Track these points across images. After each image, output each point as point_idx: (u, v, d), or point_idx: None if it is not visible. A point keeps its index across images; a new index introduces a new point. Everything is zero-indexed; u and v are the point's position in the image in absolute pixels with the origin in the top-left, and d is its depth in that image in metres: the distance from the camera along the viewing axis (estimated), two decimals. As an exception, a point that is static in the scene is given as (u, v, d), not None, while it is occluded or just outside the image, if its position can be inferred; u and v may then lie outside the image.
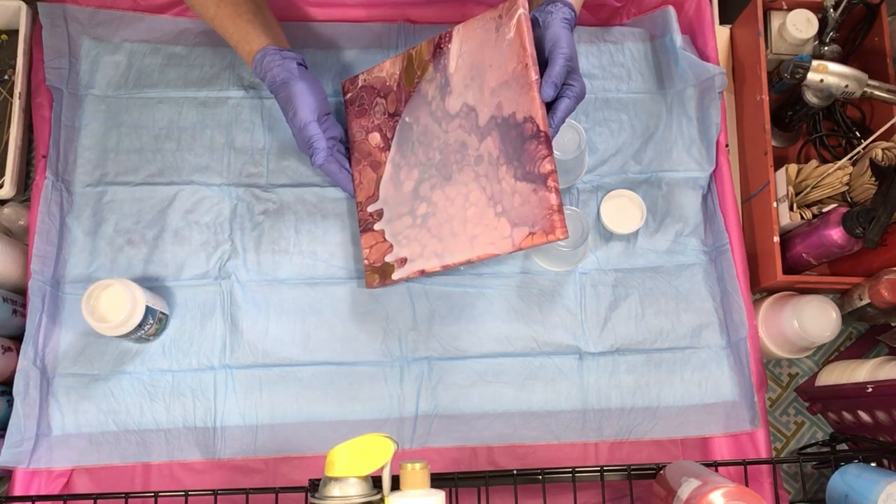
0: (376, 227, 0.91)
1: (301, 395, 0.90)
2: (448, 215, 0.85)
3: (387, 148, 0.91)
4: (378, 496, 0.71)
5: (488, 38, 0.82)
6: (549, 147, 0.78)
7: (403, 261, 0.88)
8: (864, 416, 0.87)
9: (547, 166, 0.78)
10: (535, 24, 0.81)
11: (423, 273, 0.87)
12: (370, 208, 0.92)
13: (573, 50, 0.79)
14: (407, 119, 0.89)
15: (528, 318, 0.93)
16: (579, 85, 0.80)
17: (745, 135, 1.01)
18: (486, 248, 0.82)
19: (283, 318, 0.92)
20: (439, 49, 0.87)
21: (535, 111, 0.78)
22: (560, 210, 0.77)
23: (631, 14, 1.04)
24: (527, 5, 0.80)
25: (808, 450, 0.96)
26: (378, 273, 0.90)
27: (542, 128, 0.78)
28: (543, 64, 0.80)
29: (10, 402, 0.86)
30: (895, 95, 0.92)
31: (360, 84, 0.95)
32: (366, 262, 0.91)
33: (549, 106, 0.80)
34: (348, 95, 0.96)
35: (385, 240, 0.90)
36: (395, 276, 0.89)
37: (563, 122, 0.80)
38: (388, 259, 0.89)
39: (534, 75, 0.78)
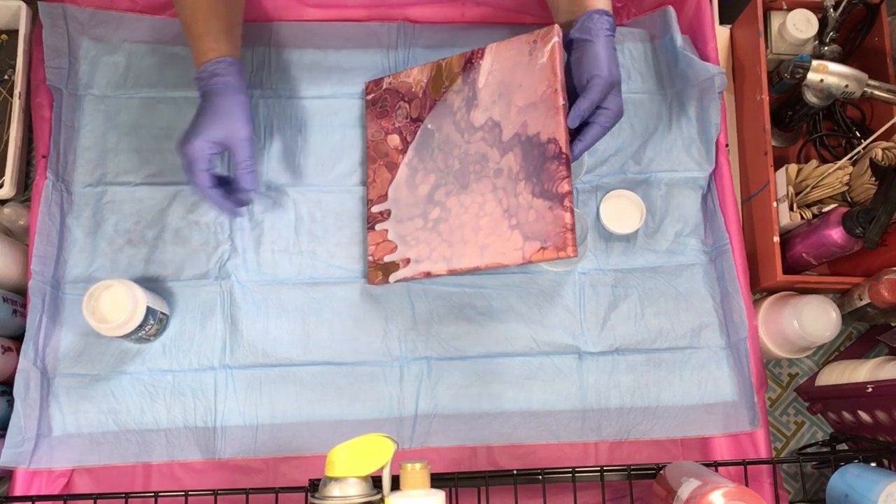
0: (379, 226, 0.91)
1: (301, 395, 0.90)
2: (460, 222, 0.87)
3: (404, 151, 0.92)
4: (378, 496, 0.71)
5: (521, 60, 0.86)
6: (569, 169, 0.82)
7: (408, 261, 0.89)
8: (864, 416, 0.87)
9: (565, 187, 0.81)
10: (574, 43, 0.83)
11: (427, 275, 0.88)
12: (377, 207, 0.92)
13: (613, 70, 0.81)
14: (429, 126, 0.91)
15: (528, 318, 0.93)
16: (614, 108, 0.82)
17: (745, 135, 1.01)
18: (496, 258, 0.84)
19: (282, 318, 0.92)
20: (470, 63, 0.90)
21: (559, 134, 0.82)
22: (573, 229, 0.81)
23: (631, 14, 1.04)
24: (561, 34, 0.84)
25: (808, 450, 0.96)
26: (381, 270, 0.90)
27: (564, 150, 0.82)
28: (581, 82, 0.82)
29: (11, 403, 0.86)
30: (895, 95, 0.92)
31: (384, 86, 0.96)
32: (370, 258, 0.91)
33: (579, 128, 0.83)
34: (370, 96, 0.97)
35: (388, 239, 0.90)
36: (397, 275, 0.89)
37: (588, 147, 0.83)
38: (391, 258, 0.90)
39: (561, 101, 0.83)
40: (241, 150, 0.83)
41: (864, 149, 0.91)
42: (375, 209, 0.92)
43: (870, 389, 0.82)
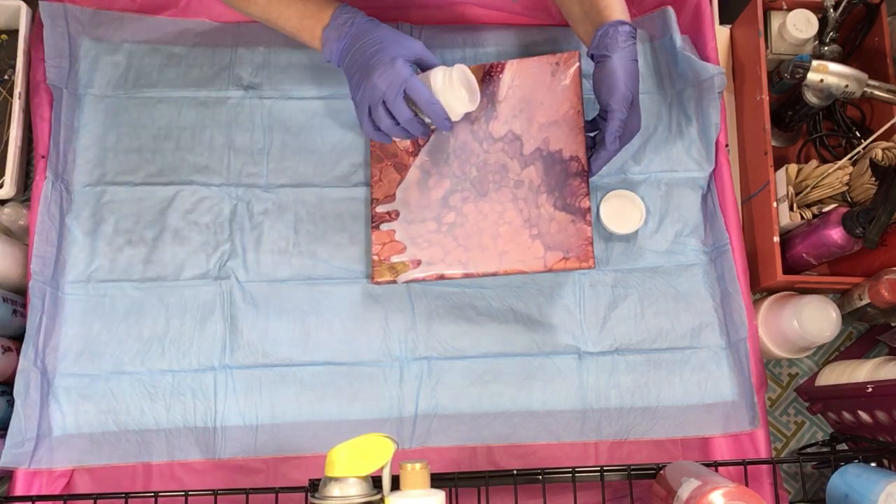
0: (385, 226, 0.92)
1: (301, 395, 0.90)
2: (478, 228, 0.89)
3: (415, 153, 0.93)
4: (378, 496, 0.71)
5: (543, 80, 0.91)
6: (588, 185, 0.88)
7: (419, 263, 0.89)
8: (864, 416, 0.87)
9: (587, 202, 0.87)
10: (594, 58, 0.84)
11: (441, 277, 0.89)
12: (383, 207, 0.92)
13: (630, 86, 0.82)
14: (444, 132, 0.92)
15: (527, 318, 0.93)
16: (632, 123, 0.85)
17: (745, 135, 1.01)
18: (516, 265, 0.87)
19: (282, 318, 0.92)
20: (489, 76, 0.93)
21: (581, 152, 0.88)
22: (593, 243, 0.86)
23: (631, 14, 1.03)
24: (581, 59, 0.90)
25: (808, 450, 0.96)
26: (388, 270, 0.90)
27: (585, 167, 0.88)
28: (603, 99, 0.83)
29: (11, 403, 0.86)
30: (895, 95, 0.92)
31: None
32: (375, 257, 0.91)
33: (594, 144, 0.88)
34: None
35: (396, 240, 0.90)
36: (407, 275, 0.90)
37: (606, 163, 0.87)
38: (399, 259, 0.90)
39: (582, 122, 0.89)
40: (432, 61, 0.83)
41: (864, 149, 0.91)
42: (381, 209, 0.93)
43: (870, 389, 0.82)
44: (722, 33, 1.05)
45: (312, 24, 0.85)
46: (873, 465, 0.84)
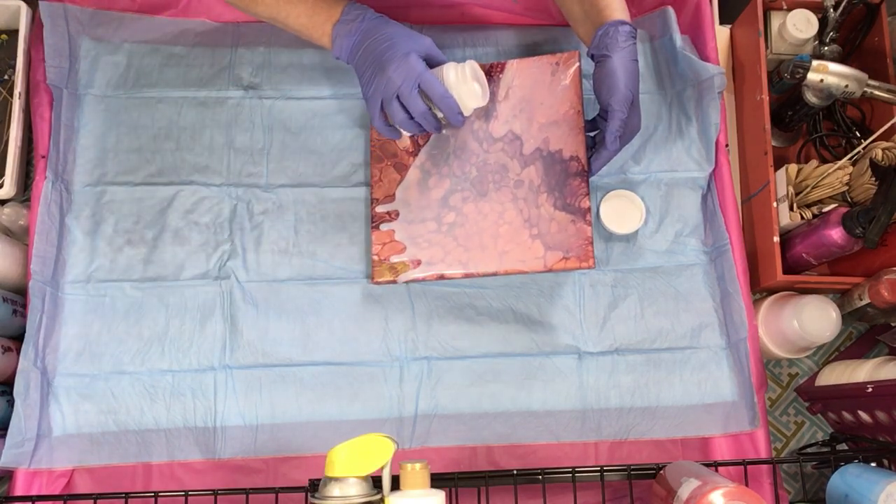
0: (385, 226, 0.92)
1: (301, 395, 0.90)
2: (479, 228, 0.89)
3: (415, 153, 0.93)
4: (378, 496, 0.71)
5: (543, 80, 0.91)
6: (588, 185, 0.87)
7: (418, 263, 0.89)
8: (864, 416, 0.87)
9: (587, 202, 0.87)
10: (594, 58, 0.84)
11: (441, 277, 0.89)
12: (383, 207, 0.92)
13: (630, 86, 0.82)
14: (444, 131, 0.92)
15: (527, 318, 0.93)
16: (632, 123, 0.85)
17: (745, 135, 1.01)
18: (516, 265, 0.87)
19: (282, 318, 0.92)
20: (489, 76, 0.92)
21: (581, 152, 0.88)
22: (593, 243, 0.86)
23: (631, 14, 1.03)
24: (581, 59, 0.90)
25: (808, 450, 0.96)
26: (388, 270, 0.90)
27: (586, 167, 0.88)
28: (603, 99, 0.83)
29: (11, 403, 0.86)
30: (895, 95, 0.92)
31: None
32: (375, 257, 0.91)
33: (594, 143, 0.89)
34: None
35: (396, 240, 0.91)
36: (407, 275, 0.89)
37: (606, 163, 0.87)
38: (399, 259, 0.90)
39: (583, 122, 0.89)
40: (440, 57, 0.84)
41: (864, 149, 0.91)
42: (381, 209, 0.93)
43: (870, 389, 0.82)
44: (722, 33, 1.05)
45: (322, 20, 0.85)
46: (873, 465, 0.84)
